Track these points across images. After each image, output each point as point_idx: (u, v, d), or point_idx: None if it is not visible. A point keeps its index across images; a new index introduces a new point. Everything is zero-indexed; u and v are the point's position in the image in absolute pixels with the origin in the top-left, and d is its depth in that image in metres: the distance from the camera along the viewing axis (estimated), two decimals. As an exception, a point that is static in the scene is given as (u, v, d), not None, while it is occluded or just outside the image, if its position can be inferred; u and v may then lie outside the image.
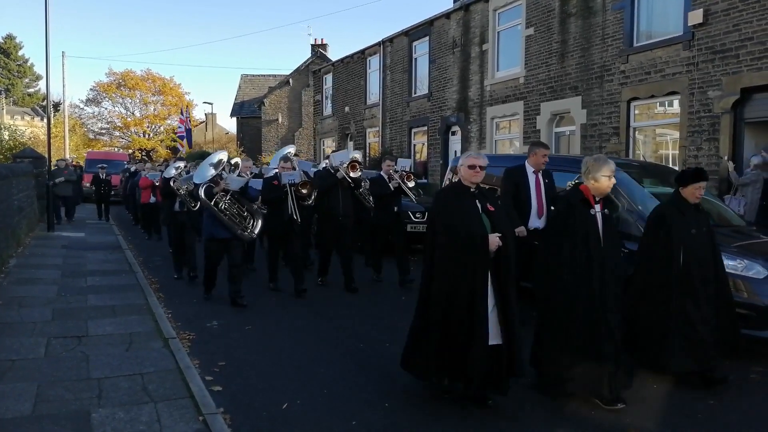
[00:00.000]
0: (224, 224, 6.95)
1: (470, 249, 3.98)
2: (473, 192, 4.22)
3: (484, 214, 4.13)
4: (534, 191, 6.35)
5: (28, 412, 3.92)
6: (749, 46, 9.47)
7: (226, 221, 6.95)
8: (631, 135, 11.76)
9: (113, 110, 48.57)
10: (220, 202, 6.93)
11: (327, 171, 8.35)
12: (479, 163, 4.19)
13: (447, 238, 4.06)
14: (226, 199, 6.98)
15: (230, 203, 7.03)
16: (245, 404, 4.29)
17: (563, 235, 4.27)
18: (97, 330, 5.92)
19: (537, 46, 13.95)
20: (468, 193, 4.22)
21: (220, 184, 6.94)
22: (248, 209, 7.22)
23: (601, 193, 4.31)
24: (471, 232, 4.00)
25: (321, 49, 34.31)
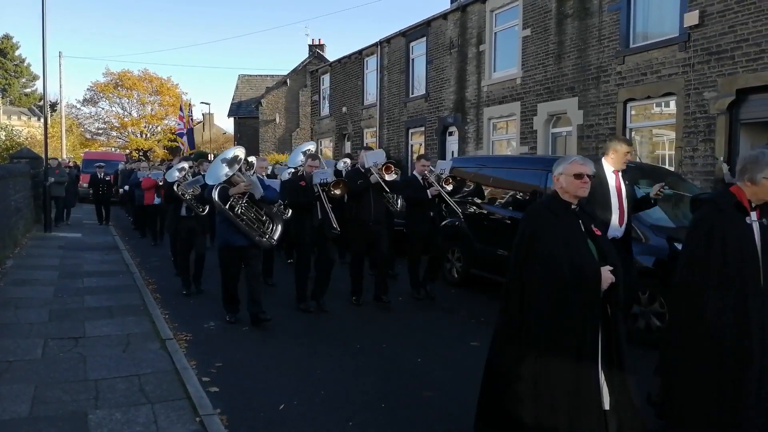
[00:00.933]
0: (241, 230, 6.13)
1: (578, 287, 3.06)
2: (574, 210, 3.29)
3: (590, 240, 3.24)
4: (614, 195, 5.35)
5: (25, 413, 3.93)
6: (745, 47, 9.51)
7: (243, 227, 6.11)
8: (627, 136, 11.77)
9: (110, 110, 48.55)
10: (236, 205, 6.08)
11: (357, 171, 7.51)
12: (587, 170, 3.26)
13: (545, 271, 3.11)
14: (243, 203, 6.14)
15: (247, 207, 6.19)
16: (242, 405, 4.30)
17: (708, 250, 3.26)
18: (94, 331, 5.93)
19: (534, 47, 13.97)
20: (569, 212, 3.27)
21: (239, 186, 6.08)
22: (267, 213, 6.40)
23: (760, 199, 3.30)
24: (578, 265, 3.08)
25: (318, 50, 34.33)
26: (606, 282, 3.07)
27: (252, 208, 6.25)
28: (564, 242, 3.11)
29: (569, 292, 3.05)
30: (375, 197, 7.20)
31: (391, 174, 7.15)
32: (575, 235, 3.18)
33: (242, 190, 6.07)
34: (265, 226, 6.34)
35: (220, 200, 6.04)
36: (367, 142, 22.44)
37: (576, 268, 3.05)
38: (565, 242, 3.11)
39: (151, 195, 12.17)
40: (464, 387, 4.67)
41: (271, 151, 32.34)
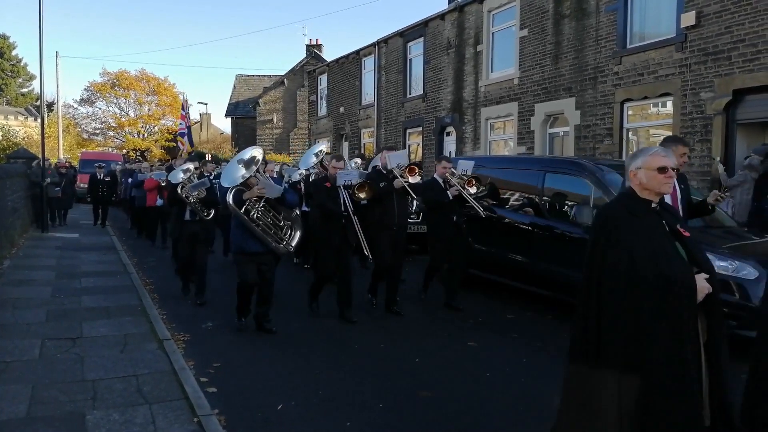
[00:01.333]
0: (256, 236, 5.79)
1: (668, 298, 2.63)
2: (655, 208, 2.88)
3: (677, 242, 2.82)
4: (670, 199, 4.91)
5: (23, 414, 3.93)
6: (741, 48, 9.54)
7: (259, 232, 5.76)
8: (624, 136, 11.82)
9: (107, 110, 48.40)
10: (251, 209, 5.73)
11: (379, 173, 7.03)
12: (670, 163, 2.86)
13: (626, 282, 2.67)
14: (259, 207, 5.78)
15: (264, 211, 5.83)
16: (240, 405, 4.31)
17: None
18: (92, 331, 5.92)
19: (531, 48, 13.99)
20: (649, 211, 2.85)
21: (252, 190, 5.72)
22: (285, 217, 6.05)
23: None
24: (667, 272, 2.64)
25: (316, 50, 34.32)
26: (702, 292, 2.66)
27: (269, 213, 5.88)
28: (647, 247, 2.68)
29: (657, 303, 2.62)
30: (399, 201, 6.81)
31: (415, 176, 6.73)
32: (660, 237, 2.76)
33: (255, 194, 5.70)
34: (283, 232, 5.98)
35: (235, 204, 5.66)
36: (364, 143, 22.46)
37: (664, 277, 2.62)
38: (649, 247, 2.68)
39: (153, 196, 11.83)
40: (462, 387, 4.70)
41: (268, 151, 32.34)
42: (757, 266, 5.38)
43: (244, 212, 5.72)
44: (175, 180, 7.35)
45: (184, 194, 7.22)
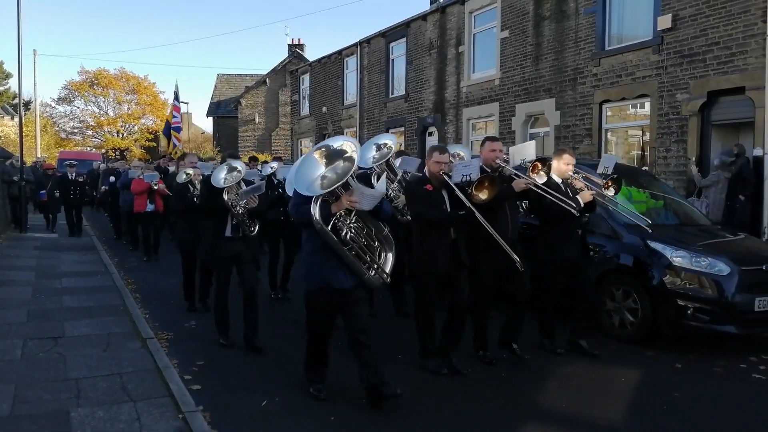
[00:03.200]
0: (348, 264, 4.14)
1: None
2: None
3: None
4: None
5: (6, 412, 3.93)
6: (716, 50, 9.77)
7: (352, 260, 4.13)
8: (603, 136, 12.02)
9: (86, 109, 47.79)
10: (342, 227, 4.11)
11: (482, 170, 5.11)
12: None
13: None
14: (352, 223, 4.16)
15: (357, 229, 4.19)
16: (224, 403, 4.34)
17: None
18: (74, 331, 5.91)
19: (512, 49, 14.15)
20: None
21: (341, 201, 4.06)
22: (377, 236, 4.36)
23: None
24: None
25: (298, 49, 34.30)
26: None
27: (363, 230, 4.23)
28: None
29: None
30: (511, 209, 5.20)
31: (541, 175, 5.16)
32: None
33: (345, 206, 4.07)
34: (376, 256, 4.31)
35: (323, 220, 4.00)
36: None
37: None
38: None
39: (142, 201, 10.48)
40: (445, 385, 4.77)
41: (250, 151, 32.25)
42: (729, 263, 5.54)
43: (332, 230, 4.07)
44: (218, 182, 5.46)
45: (229, 200, 5.52)
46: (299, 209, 4.12)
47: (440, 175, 4.89)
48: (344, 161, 4.03)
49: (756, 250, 6.30)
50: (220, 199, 5.48)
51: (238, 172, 5.52)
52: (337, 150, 4.10)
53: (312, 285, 4.31)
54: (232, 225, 5.63)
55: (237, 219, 5.58)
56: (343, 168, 3.99)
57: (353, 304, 4.26)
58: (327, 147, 4.16)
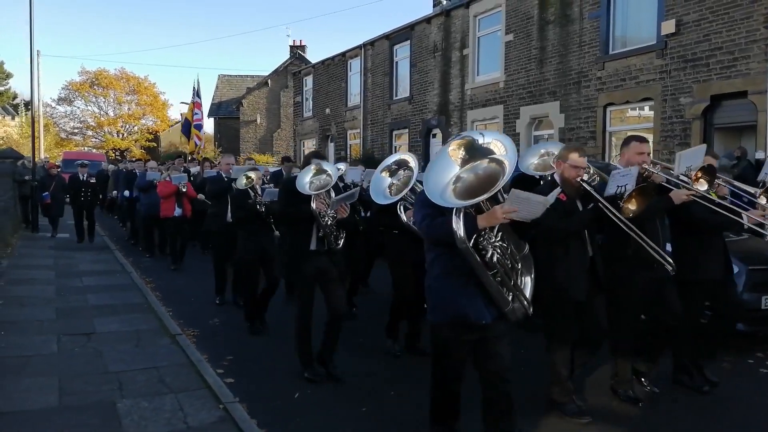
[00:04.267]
0: (491, 293, 3.23)
1: None
2: None
3: None
4: None
5: (55, 403, 4.13)
6: (719, 55, 10.02)
7: (496, 288, 3.22)
8: (607, 139, 12.27)
9: (86, 109, 47.96)
10: (488, 248, 3.18)
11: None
12: None
13: None
14: (497, 241, 3.23)
15: (502, 249, 3.27)
16: (258, 394, 4.54)
17: None
18: (104, 328, 6.11)
19: (516, 52, 14.39)
20: None
21: (495, 211, 3.10)
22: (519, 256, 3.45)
23: None
24: None
25: (300, 51, 34.48)
26: None
27: (507, 250, 3.33)
28: None
29: None
30: (661, 222, 4.43)
31: (702, 183, 4.24)
32: None
33: (500, 220, 3.10)
34: (519, 281, 3.43)
35: (468, 237, 3.08)
36: (350, 144, 22.68)
37: None
38: None
39: (170, 205, 9.77)
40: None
41: (252, 151, 32.44)
42: (738, 262, 5.75)
43: (475, 249, 3.14)
44: (303, 187, 4.66)
45: (320, 211, 4.72)
46: (432, 223, 3.23)
47: (578, 182, 4.06)
48: (490, 161, 3.08)
49: (761, 250, 6.52)
50: (306, 208, 4.65)
51: (328, 176, 4.71)
52: (482, 147, 3.15)
53: (442, 318, 3.38)
54: (318, 237, 4.79)
55: (324, 230, 4.74)
56: (489, 171, 3.05)
57: (492, 341, 3.39)
58: (468, 140, 3.21)
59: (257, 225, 6.16)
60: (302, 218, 4.75)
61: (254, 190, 6.13)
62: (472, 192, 3.03)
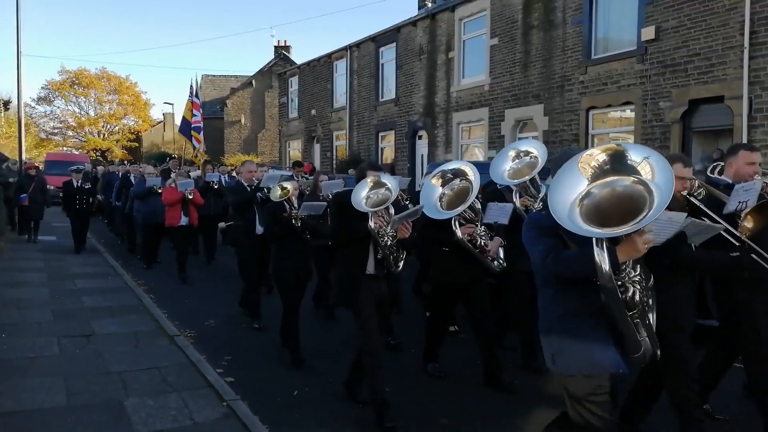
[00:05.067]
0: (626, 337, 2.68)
1: None
2: None
3: None
4: None
5: (64, 403, 4.26)
6: (696, 61, 10.36)
7: (633, 331, 2.68)
8: (589, 142, 12.57)
9: (66, 109, 47.51)
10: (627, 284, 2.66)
11: None
12: None
13: None
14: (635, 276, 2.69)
15: (641, 284, 2.71)
16: (259, 392, 4.70)
17: None
18: (102, 329, 6.22)
19: (501, 56, 14.66)
20: None
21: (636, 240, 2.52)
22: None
23: None
24: None
25: (284, 51, 34.53)
26: None
27: (644, 284, 2.75)
28: None
29: None
30: None
31: None
32: None
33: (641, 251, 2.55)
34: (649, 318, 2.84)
35: (614, 269, 2.53)
36: (336, 145, 22.84)
37: None
38: None
39: (175, 213, 8.94)
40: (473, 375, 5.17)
41: (237, 152, 32.43)
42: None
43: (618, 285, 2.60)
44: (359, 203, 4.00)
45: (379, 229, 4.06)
46: (561, 256, 2.68)
47: (684, 196, 3.56)
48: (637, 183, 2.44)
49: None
50: (363, 227, 4.03)
51: (388, 191, 4.06)
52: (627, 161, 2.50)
53: (571, 369, 2.80)
54: (376, 260, 4.20)
55: (383, 252, 4.11)
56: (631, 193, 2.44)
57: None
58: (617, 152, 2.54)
59: (293, 241, 5.50)
60: (359, 239, 4.14)
61: (290, 203, 5.45)
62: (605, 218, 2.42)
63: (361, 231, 4.07)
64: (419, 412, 4.35)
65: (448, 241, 4.56)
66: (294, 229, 5.44)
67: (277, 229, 5.51)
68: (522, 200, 4.78)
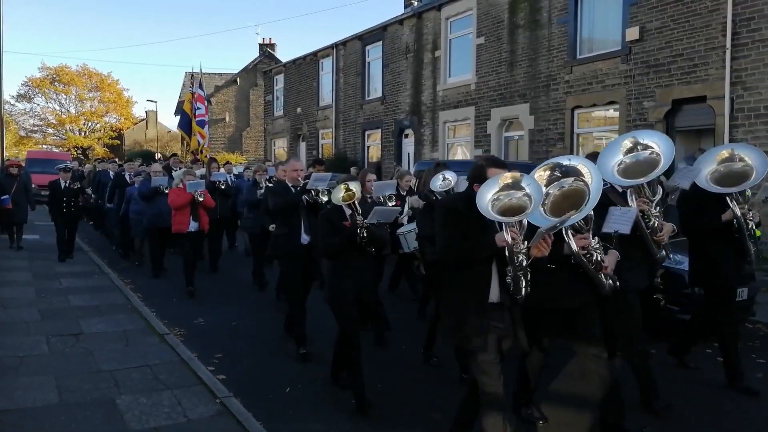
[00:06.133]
0: None
1: None
2: None
3: None
4: None
5: (56, 401, 4.24)
6: (679, 61, 10.53)
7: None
8: (575, 140, 12.72)
9: (46, 107, 46.87)
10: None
11: None
12: None
13: None
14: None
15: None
16: (251, 390, 4.71)
17: None
18: (91, 328, 6.18)
19: (487, 55, 14.76)
20: None
21: None
22: None
23: None
24: None
25: (269, 49, 34.41)
26: None
27: None
28: None
29: None
30: None
31: None
32: None
33: None
34: None
35: None
36: (322, 144, 22.81)
37: None
38: None
39: (184, 218, 7.90)
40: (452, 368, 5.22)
41: (220, 150, 32.25)
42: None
43: None
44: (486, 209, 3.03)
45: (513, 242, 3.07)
46: None
47: None
48: None
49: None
50: (489, 241, 3.12)
51: (526, 196, 3.03)
52: None
53: None
54: (501, 284, 3.21)
55: (514, 274, 3.12)
56: None
57: None
58: None
59: (354, 255, 4.48)
60: (481, 258, 3.19)
61: (354, 208, 4.47)
62: None
63: (486, 248, 3.13)
64: (412, 407, 4.40)
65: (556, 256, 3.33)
66: (359, 240, 4.43)
67: (338, 241, 4.42)
68: (638, 203, 3.99)
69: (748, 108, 9.59)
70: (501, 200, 3.06)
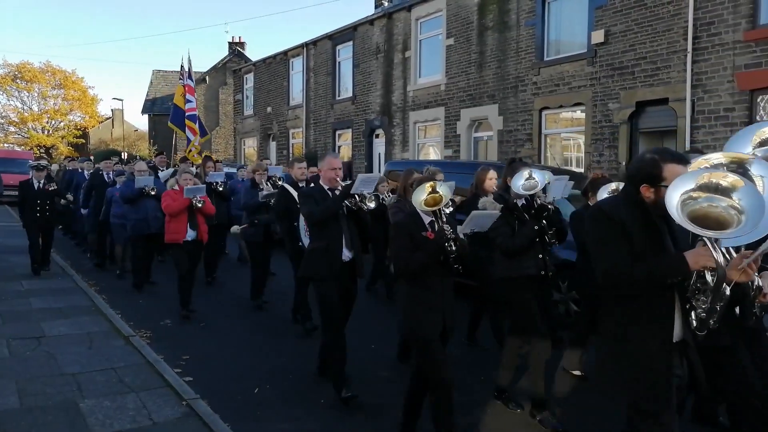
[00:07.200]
0: None
1: None
2: None
3: None
4: None
5: (17, 405, 4.14)
6: (643, 64, 10.77)
7: None
8: (542, 141, 12.91)
9: (8, 104, 45.64)
10: None
11: None
12: None
13: None
14: None
15: None
16: (219, 391, 4.67)
17: None
18: (53, 331, 6.04)
19: (457, 56, 14.88)
20: None
21: None
22: None
23: None
24: None
25: (239, 48, 34.04)
26: None
27: None
28: None
29: None
30: None
31: None
32: None
33: None
34: None
35: None
36: (293, 143, 22.69)
37: None
38: None
39: (180, 225, 6.87)
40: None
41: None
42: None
43: None
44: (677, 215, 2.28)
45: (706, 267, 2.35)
46: None
47: None
48: None
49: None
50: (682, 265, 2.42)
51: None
52: None
53: None
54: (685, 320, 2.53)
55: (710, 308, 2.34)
56: None
57: None
58: None
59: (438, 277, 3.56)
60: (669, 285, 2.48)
61: (438, 215, 3.54)
62: None
63: (683, 272, 2.38)
64: (380, 407, 4.42)
65: None
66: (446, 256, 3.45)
67: (422, 257, 3.47)
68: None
69: (708, 110, 9.87)
70: (694, 204, 2.27)
